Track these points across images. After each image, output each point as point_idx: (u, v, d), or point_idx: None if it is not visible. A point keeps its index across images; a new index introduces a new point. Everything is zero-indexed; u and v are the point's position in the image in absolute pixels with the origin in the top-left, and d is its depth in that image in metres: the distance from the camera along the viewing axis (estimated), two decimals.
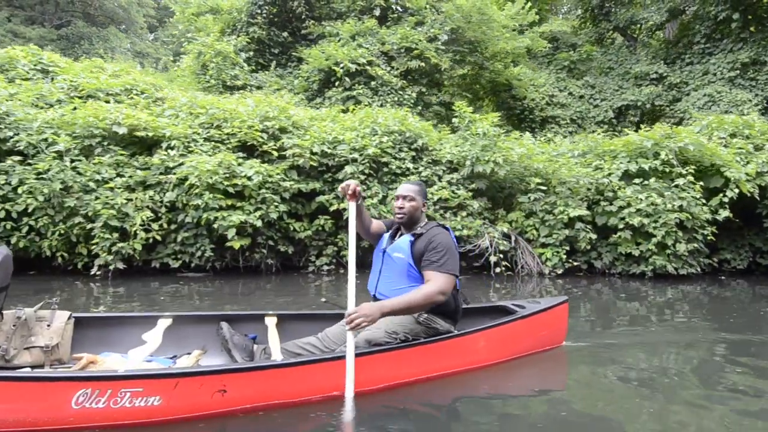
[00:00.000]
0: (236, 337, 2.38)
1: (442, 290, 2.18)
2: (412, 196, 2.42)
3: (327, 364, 2.07)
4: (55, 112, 6.01)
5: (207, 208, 5.44)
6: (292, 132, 6.38)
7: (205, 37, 9.14)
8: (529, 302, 2.93)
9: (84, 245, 5.61)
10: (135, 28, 37.09)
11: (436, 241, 2.28)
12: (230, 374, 1.87)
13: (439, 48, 9.45)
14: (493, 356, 2.59)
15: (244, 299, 4.83)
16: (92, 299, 4.69)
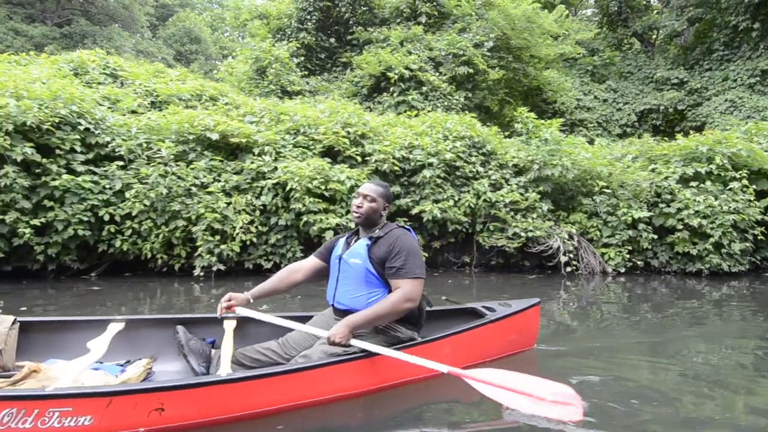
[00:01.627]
0: (192, 342, 2.26)
1: (410, 297, 2.12)
2: (373, 197, 2.30)
3: (275, 378, 1.95)
4: (148, 118, 6.23)
5: (306, 212, 5.72)
6: (372, 137, 6.68)
7: (261, 43, 9.38)
8: (500, 304, 2.83)
9: (182, 247, 5.85)
10: (136, 26, 36.85)
11: (397, 245, 2.18)
12: (168, 392, 1.77)
13: (485, 54, 9.84)
14: (458, 362, 2.41)
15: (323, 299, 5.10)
16: (193, 299, 4.96)
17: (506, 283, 6.45)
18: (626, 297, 5.62)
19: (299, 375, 2.00)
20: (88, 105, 5.71)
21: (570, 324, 4.24)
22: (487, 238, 6.98)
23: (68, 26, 31.41)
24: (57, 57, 7.51)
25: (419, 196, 6.76)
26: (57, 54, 8.18)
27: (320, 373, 2.04)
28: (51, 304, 4.52)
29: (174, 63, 30.86)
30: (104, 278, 5.79)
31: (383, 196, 2.35)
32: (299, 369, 2.01)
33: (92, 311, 4.18)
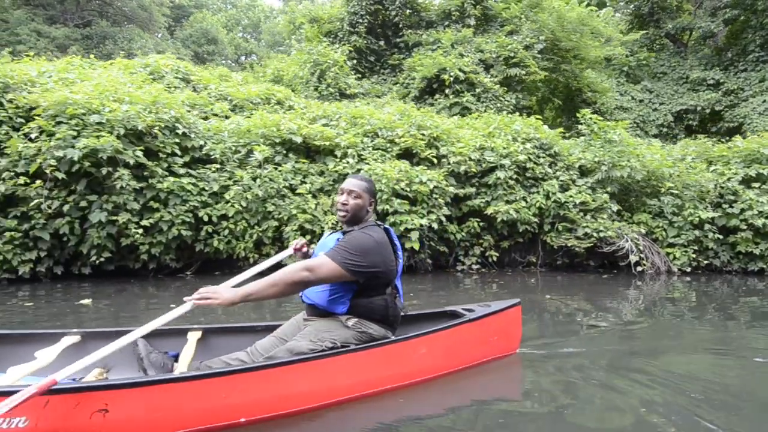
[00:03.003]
0: (153, 355, 2.10)
1: (311, 267, 1.96)
2: (359, 193, 2.17)
3: (234, 377, 1.78)
4: (237, 123, 6.47)
5: (394, 212, 5.93)
6: (445, 140, 6.89)
7: (317, 47, 9.62)
8: (480, 306, 2.71)
9: (271, 246, 6.08)
10: (155, 27, 37.24)
11: (352, 236, 2.07)
12: (113, 391, 1.61)
13: (535, 56, 10.03)
14: (436, 367, 2.35)
15: (406, 297, 5.27)
16: None
17: (572, 282, 6.61)
18: (694, 295, 5.76)
19: (260, 373, 1.83)
20: (183, 110, 5.95)
21: (654, 322, 4.28)
22: (555, 238, 7.16)
23: (89, 27, 31.80)
24: (132, 61, 7.76)
25: (491, 197, 6.96)
26: (80, 55, 8.41)
27: (283, 372, 1.87)
28: (155, 300, 4.77)
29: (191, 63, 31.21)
30: (198, 276, 6.02)
31: (368, 192, 2.21)
32: (260, 367, 1.84)
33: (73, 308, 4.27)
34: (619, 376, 2.59)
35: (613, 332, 3.73)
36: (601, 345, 3.30)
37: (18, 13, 29.59)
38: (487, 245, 7.08)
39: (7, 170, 4.92)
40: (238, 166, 6.06)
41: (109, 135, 4.92)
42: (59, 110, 4.95)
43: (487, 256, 7.11)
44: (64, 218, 5.04)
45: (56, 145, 4.77)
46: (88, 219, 5.14)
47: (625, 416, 2.07)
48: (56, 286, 5.15)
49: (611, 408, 2.16)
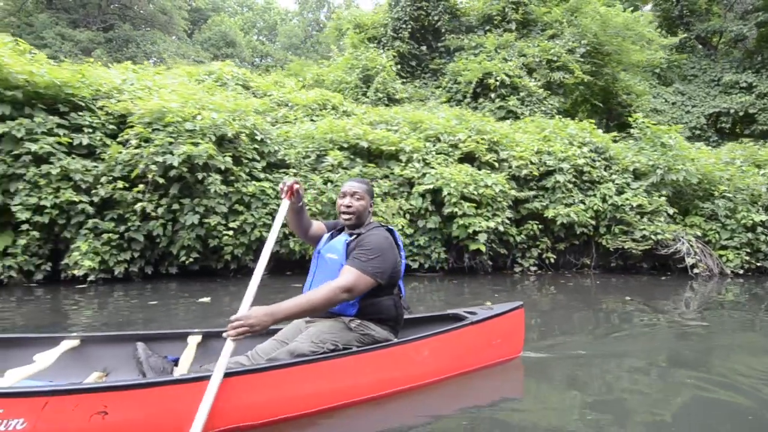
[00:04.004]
0: (153, 359, 2.10)
1: (349, 287, 1.94)
2: (361, 194, 2.20)
3: (235, 379, 1.76)
4: (301, 127, 6.71)
5: (462, 215, 6.13)
6: (504, 144, 7.08)
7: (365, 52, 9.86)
8: (482, 308, 2.72)
9: None
10: (175, 30, 37.74)
11: (367, 239, 2.07)
12: (112, 392, 1.60)
13: (578, 60, 10.19)
14: (438, 370, 2.33)
15: (471, 296, 5.44)
16: None
17: (627, 284, 6.75)
18: (747, 297, 5.86)
19: (261, 376, 1.82)
20: (259, 117, 6.20)
21: None
22: (611, 241, 7.32)
23: (111, 31, 32.35)
24: (196, 68, 8.04)
25: (548, 200, 7.14)
26: (104, 58, 8.65)
27: (284, 374, 1.85)
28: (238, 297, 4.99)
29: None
30: (272, 276, 6.26)
31: (369, 193, 2.25)
32: (261, 369, 1.83)
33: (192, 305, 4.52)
34: (669, 378, 2.64)
35: (669, 332, 3.85)
36: (646, 345, 3.39)
37: (42, 17, 30.17)
38: (544, 247, 7.25)
39: (104, 175, 5.19)
40: (310, 170, 6.30)
41: (203, 141, 5.17)
42: (156, 118, 5.21)
43: (544, 258, 7.28)
44: (157, 220, 5.30)
45: (155, 151, 5.03)
46: (178, 221, 5.40)
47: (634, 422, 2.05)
48: (146, 286, 5.41)
49: (618, 413, 2.14)
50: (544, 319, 4.25)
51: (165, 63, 23.15)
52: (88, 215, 5.05)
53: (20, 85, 4.87)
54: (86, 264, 4.83)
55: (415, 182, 6.54)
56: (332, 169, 6.18)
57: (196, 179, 5.32)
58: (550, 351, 3.09)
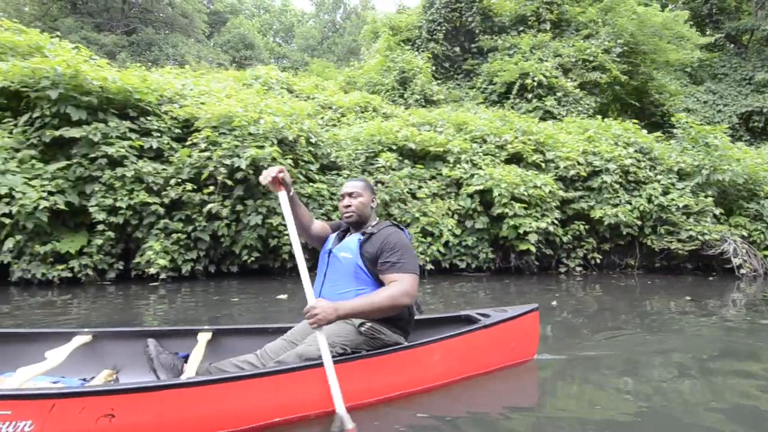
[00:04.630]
0: (163, 356, 2.12)
1: (407, 292, 1.99)
2: (359, 192, 2.23)
3: (241, 383, 1.77)
4: (351, 129, 6.85)
5: (514, 216, 6.21)
6: (550, 144, 7.13)
7: (402, 54, 9.99)
8: (496, 311, 2.69)
9: None
10: (196, 33, 38.27)
11: (391, 241, 2.09)
12: (119, 395, 1.61)
13: (614, 60, 10.19)
14: (451, 373, 2.30)
15: (518, 296, 5.51)
16: None
17: (671, 285, 6.74)
18: None
19: (269, 379, 1.81)
20: (313, 121, 6.35)
21: None
22: (656, 241, 7.32)
23: (135, 35, 32.96)
24: (243, 72, 8.24)
25: (594, 200, 7.18)
26: (128, 61, 8.83)
27: (293, 378, 1.85)
28: None
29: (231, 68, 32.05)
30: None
31: (367, 189, 2.27)
32: (269, 373, 1.82)
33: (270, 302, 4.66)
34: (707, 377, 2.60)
35: (716, 331, 3.84)
36: (688, 345, 3.36)
37: (68, 21, 30.86)
38: (589, 248, 7.29)
39: (172, 177, 5.38)
40: (360, 171, 6.43)
41: (267, 145, 5.34)
42: (223, 122, 5.39)
43: (589, 259, 7.32)
44: (222, 221, 5.48)
45: (223, 154, 5.21)
46: (241, 221, 5.57)
47: None
48: (209, 283, 5.60)
49: (638, 417, 2.09)
50: (592, 320, 4.28)
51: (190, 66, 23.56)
52: (158, 216, 5.25)
53: (94, 90, 5.08)
54: (159, 262, 5.03)
55: (463, 183, 6.63)
56: (384, 170, 6.30)
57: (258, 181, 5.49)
58: (592, 350, 3.10)
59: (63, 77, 4.80)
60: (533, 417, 2.13)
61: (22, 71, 4.75)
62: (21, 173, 4.68)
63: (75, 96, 4.90)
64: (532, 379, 2.61)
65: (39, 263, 4.81)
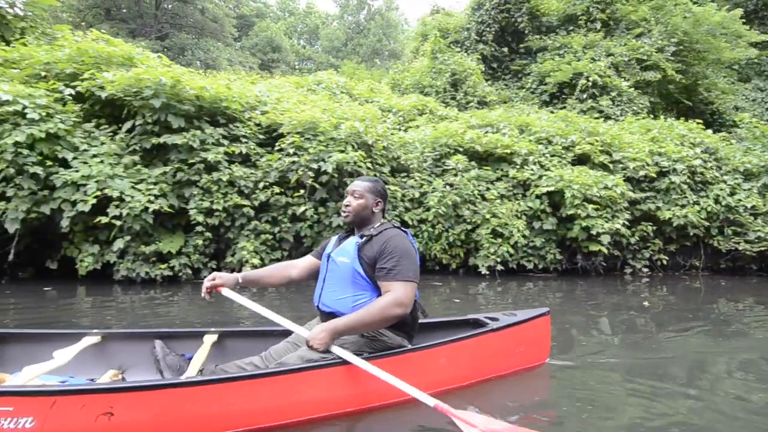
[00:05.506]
0: (170, 357, 2.15)
1: (400, 301, 1.93)
2: (361, 193, 2.17)
3: (241, 383, 1.78)
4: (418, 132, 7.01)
5: (587, 217, 6.27)
6: (616, 145, 7.15)
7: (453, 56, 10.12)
8: (505, 314, 2.62)
9: (459, 249, 6.56)
10: (225, 38, 39.02)
11: (390, 245, 2.02)
12: (118, 393, 1.63)
13: (668, 58, 10.11)
14: (456, 377, 2.25)
15: (586, 297, 5.55)
16: (478, 295, 5.51)
17: (738, 286, 6.69)
18: None
19: (268, 380, 1.82)
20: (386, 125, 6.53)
21: None
22: (723, 242, 7.27)
23: (168, 39, 33.80)
24: (304, 78, 8.49)
25: (661, 201, 7.17)
26: None
27: (294, 379, 1.85)
28: None
29: (259, 71, 32.66)
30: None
31: (372, 191, 2.20)
32: (268, 374, 1.83)
33: None
34: None
35: None
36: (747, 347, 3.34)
37: (104, 28, 31.91)
38: (656, 249, 7.28)
39: (260, 181, 5.63)
40: (430, 174, 6.58)
41: (350, 149, 5.54)
42: (307, 128, 5.62)
43: (655, 260, 7.31)
44: (305, 222, 5.70)
45: (310, 158, 5.43)
46: (321, 222, 5.78)
47: None
48: None
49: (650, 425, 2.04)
50: (656, 322, 4.30)
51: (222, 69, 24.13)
52: (249, 218, 5.50)
53: (190, 99, 5.36)
54: (253, 261, 5.28)
55: (531, 184, 6.72)
56: (456, 173, 6.44)
57: (339, 183, 5.70)
58: (653, 353, 3.09)
59: (165, 87, 5.08)
60: (541, 424, 2.04)
61: (127, 81, 5.05)
62: (127, 178, 4.98)
63: (175, 105, 5.19)
64: (544, 385, 2.54)
65: (142, 263, 5.11)
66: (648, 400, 2.33)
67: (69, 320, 3.87)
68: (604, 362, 2.97)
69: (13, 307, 4.29)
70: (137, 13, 35.41)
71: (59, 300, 4.61)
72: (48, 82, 5.27)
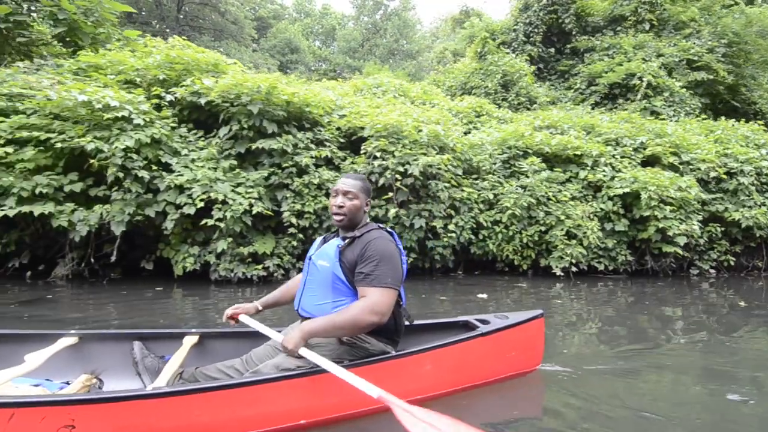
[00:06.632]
0: (148, 360, 2.11)
1: (374, 309, 1.82)
2: (355, 193, 2.03)
3: (210, 395, 1.71)
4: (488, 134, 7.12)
5: (664, 218, 6.33)
6: (684, 147, 7.21)
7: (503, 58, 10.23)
8: (497, 317, 2.51)
9: (531, 250, 6.65)
10: (245, 39, 39.44)
11: (371, 248, 1.91)
12: (79, 405, 1.58)
13: (719, 59, 10.12)
14: (443, 385, 2.15)
15: (654, 300, 5.49)
16: (554, 295, 5.59)
17: None
18: None
19: (238, 391, 1.75)
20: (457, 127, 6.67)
21: None
22: None
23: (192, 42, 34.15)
24: (362, 81, 8.66)
25: (728, 202, 7.20)
26: None
27: (266, 389, 1.78)
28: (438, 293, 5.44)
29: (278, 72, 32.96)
30: (466, 276, 6.71)
31: (363, 191, 2.08)
32: (238, 384, 1.76)
33: (468, 300, 4.90)
34: None
35: None
36: None
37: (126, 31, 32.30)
38: (722, 250, 7.32)
39: None
40: (503, 175, 6.70)
41: (431, 152, 5.68)
42: (392, 131, 5.77)
43: (721, 261, 7.35)
44: (386, 223, 5.85)
45: (397, 161, 5.58)
46: (402, 224, 5.93)
47: None
48: None
49: None
50: (721, 325, 4.31)
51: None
52: None
53: (281, 104, 5.54)
54: None
55: (602, 186, 6.80)
56: (528, 174, 6.55)
57: (422, 185, 5.84)
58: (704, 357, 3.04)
59: (261, 93, 5.27)
60: None
61: (227, 87, 5.24)
62: (227, 181, 5.17)
63: (269, 110, 5.37)
64: (537, 391, 2.44)
65: (239, 263, 5.30)
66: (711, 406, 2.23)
67: (176, 319, 3.97)
68: (670, 365, 2.93)
69: (123, 306, 4.42)
70: (159, 16, 35.95)
71: (158, 300, 4.73)
72: (144, 88, 5.49)
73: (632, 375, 2.74)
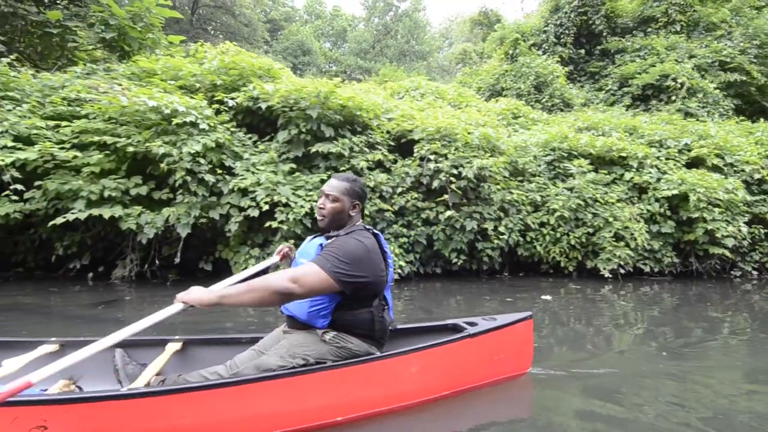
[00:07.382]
0: (130, 367, 2.08)
1: (295, 277, 1.75)
2: (336, 196, 2.03)
3: (187, 396, 1.68)
4: (531, 136, 7.20)
5: (713, 220, 6.37)
6: (728, 148, 7.24)
7: (534, 59, 10.30)
8: (485, 319, 2.47)
9: (578, 251, 6.71)
10: (258, 42, 39.74)
11: (335, 242, 1.90)
12: (51, 406, 1.55)
13: (752, 60, 10.13)
14: (430, 388, 2.12)
15: (696, 300, 5.58)
16: (605, 298, 5.62)
17: None
18: None
19: (217, 392, 1.72)
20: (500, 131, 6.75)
21: None
22: None
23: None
24: (398, 84, 8.77)
25: None
26: None
27: (244, 391, 1.74)
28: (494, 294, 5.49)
29: None
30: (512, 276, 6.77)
31: (348, 193, 2.05)
32: (217, 385, 1.73)
33: (514, 299, 4.94)
34: None
35: None
36: None
37: None
38: (765, 251, 7.32)
39: (397, 186, 5.89)
40: (548, 177, 6.77)
41: (484, 154, 5.77)
42: (444, 134, 5.87)
43: (764, 263, 7.35)
44: (438, 225, 5.94)
45: (451, 164, 5.67)
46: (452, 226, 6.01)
47: None
48: (419, 284, 6.06)
49: None
50: None
51: None
52: (389, 221, 5.76)
53: (336, 108, 5.65)
54: (401, 264, 5.53)
55: (648, 187, 6.84)
56: (577, 176, 6.61)
57: (474, 187, 5.93)
58: None
59: (320, 98, 5.38)
60: None
61: (287, 92, 5.36)
62: (287, 184, 5.29)
63: (326, 114, 5.48)
64: (524, 397, 2.40)
65: None
66: None
67: (244, 323, 4.02)
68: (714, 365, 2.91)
69: None
70: (173, 19, 36.24)
71: None
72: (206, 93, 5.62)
73: (682, 377, 2.68)
